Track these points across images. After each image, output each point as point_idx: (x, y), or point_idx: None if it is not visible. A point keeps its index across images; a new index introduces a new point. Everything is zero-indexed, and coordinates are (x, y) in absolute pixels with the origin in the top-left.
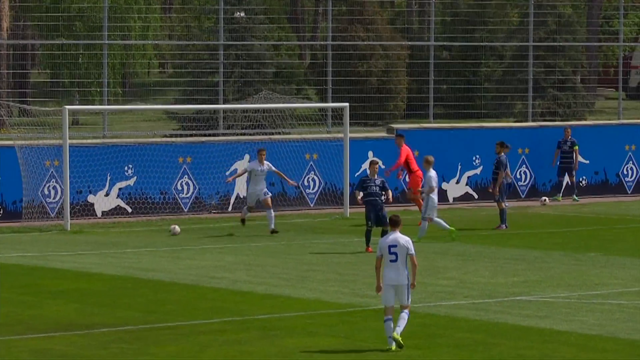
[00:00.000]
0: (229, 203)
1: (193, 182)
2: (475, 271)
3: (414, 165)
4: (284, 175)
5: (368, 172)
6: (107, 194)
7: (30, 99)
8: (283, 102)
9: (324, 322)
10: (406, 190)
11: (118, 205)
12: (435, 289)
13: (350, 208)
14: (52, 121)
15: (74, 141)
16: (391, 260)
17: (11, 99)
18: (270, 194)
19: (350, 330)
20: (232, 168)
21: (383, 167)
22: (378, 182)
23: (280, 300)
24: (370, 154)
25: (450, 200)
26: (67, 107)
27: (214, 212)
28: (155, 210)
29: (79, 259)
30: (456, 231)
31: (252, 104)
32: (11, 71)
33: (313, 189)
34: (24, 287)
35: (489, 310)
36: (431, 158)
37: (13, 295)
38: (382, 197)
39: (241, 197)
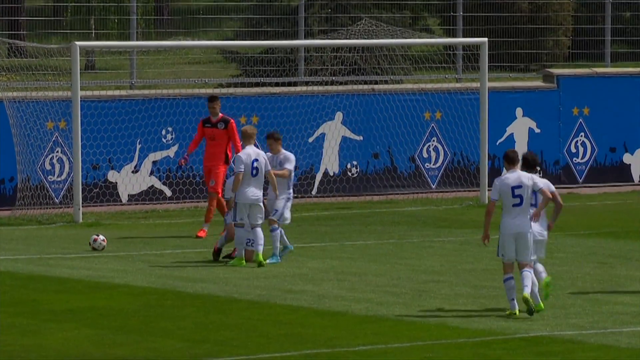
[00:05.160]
0: (313, 184)
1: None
2: None
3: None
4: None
5: None
6: (135, 170)
7: (25, 32)
8: (392, 37)
9: (451, 357)
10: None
11: (152, 186)
12: (613, 309)
13: (490, 191)
14: (56, 64)
15: (88, 93)
16: (514, 205)
17: None
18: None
19: None
20: (318, 132)
21: (538, 130)
22: None
23: (386, 324)
24: (519, 111)
25: (636, 180)
26: (78, 43)
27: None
28: (206, 193)
29: (96, 264)
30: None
31: (346, 39)
32: None
33: (435, 163)
34: (16, 304)
35: None
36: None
37: (1, 317)
38: None
39: (330, 174)
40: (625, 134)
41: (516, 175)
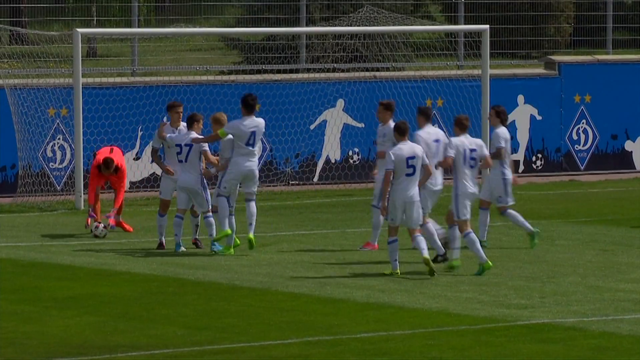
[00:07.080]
0: (315, 171)
1: (262, 140)
2: None
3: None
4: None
5: None
6: (137, 157)
7: (27, 19)
8: (393, 24)
9: (453, 344)
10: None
11: (154, 173)
12: (614, 296)
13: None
14: (58, 51)
15: (90, 80)
16: (408, 175)
17: None
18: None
19: (491, 357)
20: (320, 119)
21: (540, 117)
22: None
23: (388, 311)
24: (520, 98)
25: (638, 167)
26: (80, 30)
27: (293, 184)
28: (208, 179)
29: (97, 251)
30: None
31: (348, 26)
32: None
33: None
34: (18, 291)
35: None
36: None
37: (2, 304)
38: None
39: (332, 161)
40: (627, 121)
41: (410, 146)
